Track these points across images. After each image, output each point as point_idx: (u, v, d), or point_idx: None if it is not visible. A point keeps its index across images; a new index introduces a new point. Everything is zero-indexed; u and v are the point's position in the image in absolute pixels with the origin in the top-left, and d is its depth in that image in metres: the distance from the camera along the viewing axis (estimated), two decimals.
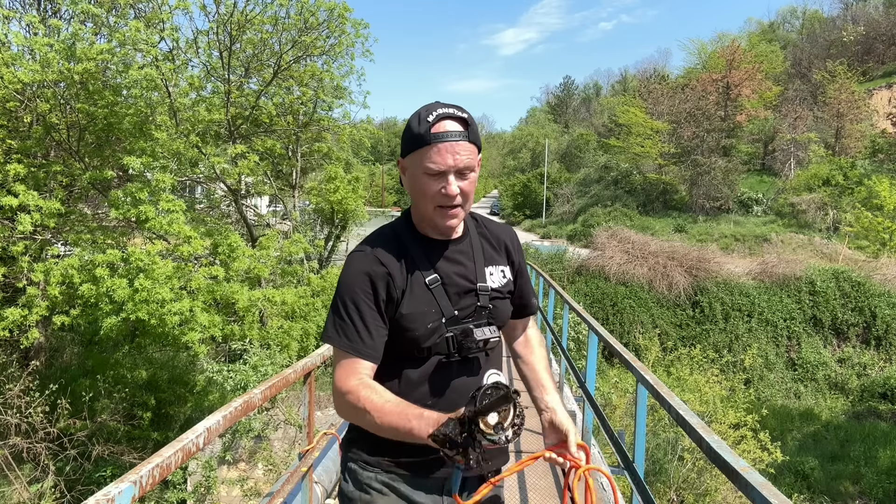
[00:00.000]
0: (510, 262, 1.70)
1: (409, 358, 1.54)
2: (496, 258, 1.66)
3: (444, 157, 1.42)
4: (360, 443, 1.59)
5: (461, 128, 1.44)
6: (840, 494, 13.26)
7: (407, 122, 1.49)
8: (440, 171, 1.44)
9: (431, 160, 1.43)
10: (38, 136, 11.20)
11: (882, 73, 48.89)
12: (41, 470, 9.28)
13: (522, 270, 1.74)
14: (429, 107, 1.47)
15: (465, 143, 1.44)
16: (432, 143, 1.42)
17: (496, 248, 1.68)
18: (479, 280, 1.58)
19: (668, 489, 10.60)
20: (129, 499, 1.43)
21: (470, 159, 1.45)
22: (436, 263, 1.55)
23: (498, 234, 1.71)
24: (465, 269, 1.58)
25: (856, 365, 18.77)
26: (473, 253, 1.61)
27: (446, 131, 1.42)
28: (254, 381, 9.97)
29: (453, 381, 1.54)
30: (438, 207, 1.48)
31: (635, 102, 43.33)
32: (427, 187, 1.46)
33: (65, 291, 10.34)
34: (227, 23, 12.42)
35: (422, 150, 1.44)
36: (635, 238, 22.11)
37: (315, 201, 15.87)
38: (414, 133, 1.45)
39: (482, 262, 1.62)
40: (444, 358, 1.53)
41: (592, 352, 5.65)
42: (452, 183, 1.45)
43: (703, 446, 2.21)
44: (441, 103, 1.47)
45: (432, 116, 1.43)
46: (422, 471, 1.56)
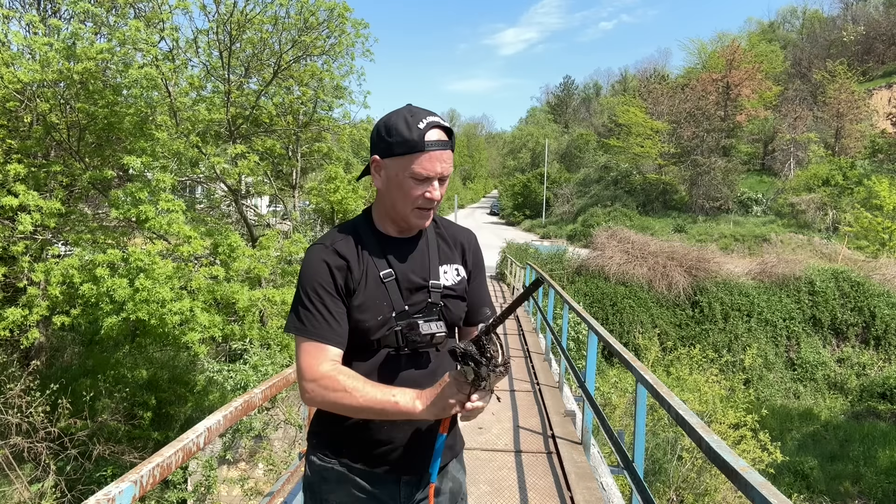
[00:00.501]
0: (464, 262, 1.73)
1: (359, 350, 1.58)
2: (451, 257, 1.70)
3: (434, 164, 1.50)
4: (323, 436, 1.65)
5: (447, 137, 1.52)
6: (839, 494, 13.27)
7: (388, 123, 1.52)
8: (428, 178, 1.51)
9: (422, 166, 1.50)
10: (38, 135, 11.20)
11: (882, 73, 48.92)
12: (42, 469, 9.29)
13: (477, 275, 1.75)
14: (413, 112, 1.53)
15: (449, 152, 1.53)
16: (425, 151, 1.48)
17: (451, 247, 1.72)
18: (433, 277, 1.62)
19: (668, 489, 10.60)
20: (130, 498, 1.44)
21: (450, 167, 1.55)
22: (391, 259, 1.60)
23: (455, 234, 1.75)
24: (419, 265, 1.63)
25: (855, 365, 18.78)
26: (428, 251, 1.66)
27: (437, 140, 1.50)
28: (254, 381, 9.97)
29: (401, 374, 1.57)
30: (417, 209, 1.55)
31: (635, 102, 43.35)
32: (412, 191, 1.53)
33: (65, 291, 10.34)
34: (226, 22, 12.42)
35: (412, 155, 1.49)
36: (635, 238, 22.11)
37: (315, 201, 15.87)
38: (405, 137, 1.49)
39: (436, 260, 1.66)
40: (392, 351, 1.57)
41: (592, 352, 5.66)
42: (436, 188, 1.53)
43: (703, 446, 2.21)
44: (422, 109, 1.54)
45: (423, 123, 1.49)
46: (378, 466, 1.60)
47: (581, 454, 5.17)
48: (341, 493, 1.61)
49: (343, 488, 1.61)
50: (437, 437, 1.57)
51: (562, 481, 4.60)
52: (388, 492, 1.62)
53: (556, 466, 4.92)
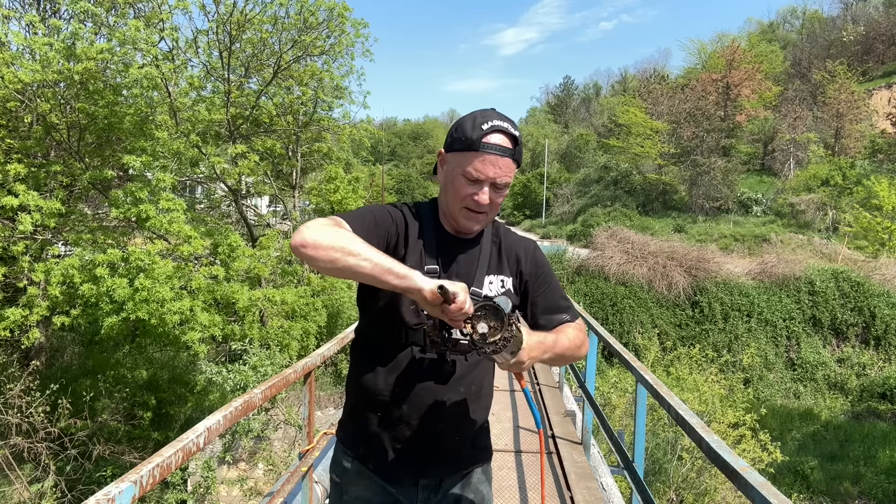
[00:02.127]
0: (517, 274, 1.67)
1: (387, 342, 1.57)
2: (500, 268, 1.66)
3: (487, 168, 1.48)
4: (347, 428, 1.69)
5: (510, 145, 1.49)
6: (840, 494, 13.27)
7: (460, 120, 1.54)
8: (478, 180, 1.49)
9: (474, 167, 1.48)
10: (38, 135, 11.20)
11: (882, 73, 48.91)
12: (42, 469, 9.29)
13: (542, 284, 1.68)
14: (486, 113, 1.51)
15: (508, 160, 1.50)
16: (480, 151, 1.47)
17: (505, 258, 1.67)
18: (476, 284, 1.59)
19: (668, 489, 10.60)
20: (130, 498, 1.43)
21: (509, 176, 1.52)
22: (441, 255, 1.59)
23: (512, 245, 1.70)
24: (466, 269, 1.60)
25: (855, 365, 18.78)
26: (479, 257, 1.63)
27: (496, 144, 1.47)
28: (254, 382, 9.97)
29: (422, 379, 1.57)
30: (465, 209, 1.54)
31: (635, 102, 43.34)
32: (461, 189, 1.52)
33: (65, 291, 10.34)
34: (226, 22, 12.42)
35: (468, 153, 1.49)
36: (635, 238, 22.11)
37: (315, 201, 15.86)
38: (466, 135, 1.49)
39: (484, 269, 1.63)
40: (419, 351, 1.56)
41: (592, 352, 5.67)
42: (486, 192, 1.51)
43: (703, 446, 2.22)
44: (498, 113, 1.52)
45: (487, 125, 1.47)
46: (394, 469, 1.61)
47: (581, 454, 5.17)
48: (360, 486, 1.64)
49: (361, 483, 1.64)
50: (524, 391, 1.59)
51: (562, 481, 4.60)
52: (406, 493, 1.63)
53: (556, 466, 4.92)
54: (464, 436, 1.66)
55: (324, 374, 14.66)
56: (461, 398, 1.62)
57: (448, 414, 1.60)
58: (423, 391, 1.57)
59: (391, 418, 1.58)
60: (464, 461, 1.68)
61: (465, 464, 1.69)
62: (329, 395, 13.53)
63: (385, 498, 1.63)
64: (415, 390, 1.57)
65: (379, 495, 1.63)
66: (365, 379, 1.62)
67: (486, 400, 1.74)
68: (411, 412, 1.58)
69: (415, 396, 1.57)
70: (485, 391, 1.71)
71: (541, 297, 1.68)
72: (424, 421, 1.58)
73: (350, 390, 1.71)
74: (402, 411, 1.58)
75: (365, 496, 1.63)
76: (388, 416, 1.59)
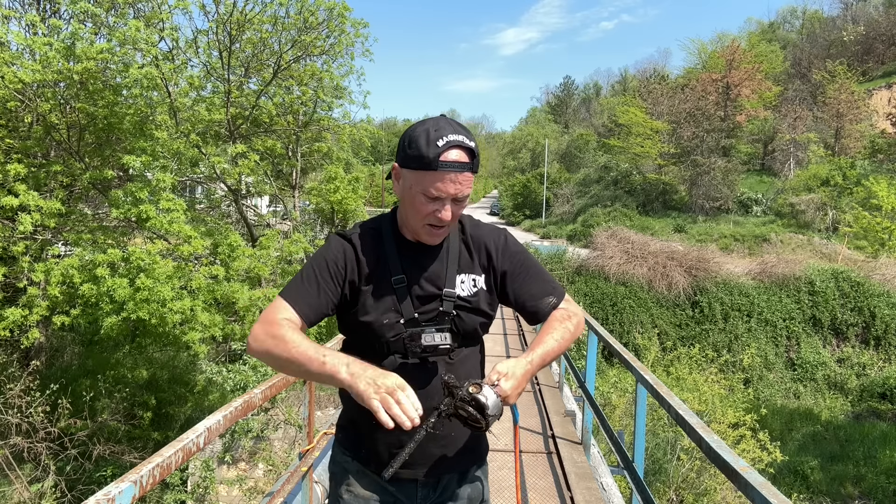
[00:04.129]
0: (489, 270, 1.65)
1: (371, 352, 1.57)
2: (471, 265, 1.63)
3: (447, 186, 1.44)
4: (346, 430, 1.71)
5: (467, 158, 1.44)
6: (840, 495, 13.27)
7: (411, 133, 1.47)
8: (439, 198, 1.45)
9: (434, 186, 1.44)
10: (38, 135, 11.20)
11: (882, 73, 48.93)
12: (42, 469, 9.29)
13: (520, 272, 1.65)
14: (439, 128, 1.44)
15: (467, 174, 1.45)
16: (439, 170, 1.42)
17: (475, 254, 1.65)
18: (448, 286, 1.58)
19: (668, 489, 10.60)
20: (130, 498, 1.43)
21: (469, 189, 1.48)
22: (406, 264, 1.57)
23: (482, 238, 1.66)
24: (435, 273, 1.58)
25: (855, 365, 18.78)
26: (448, 258, 1.61)
27: (455, 161, 1.43)
28: (254, 382, 9.97)
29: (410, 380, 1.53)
30: (428, 225, 1.51)
31: (635, 102, 43.33)
32: (422, 207, 1.48)
33: (65, 291, 10.34)
34: (226, 22, 12.42)
35: (426, 172, 1.44)
36: (635, 238, 22.11)
37: (315, 201, 15.86)
38: (422, 153, 1.43)
39: (455, 269, 1.61)
40: (401, 357, 1.56)
41: (592, 352, 5.66)
42: (448, 209, 1.47)
43: (703, 446, 2.21)
44: (450, 125, 1.46)
45: (442, 141, 1.41)
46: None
47: (581, 454, 5.17)
48: (360, 486, 1.66)
49: (363, 481, 1.66)
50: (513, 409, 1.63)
51: (562, 481, 4.60)
52: (406, 491, 1.66)
53: (556, 466, 4.92)
54: (460, 434, 1.66)
55: None
56: None
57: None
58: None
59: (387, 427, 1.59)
60: (463, 459, 1.71)
61: (465, 462, 1.71)
62: (329, 395, 13.51)
63: (386, 497, 1.65)
64: None
65: (380, 494, 1.65)
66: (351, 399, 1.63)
67: None
68: None
69: None
70: None
71: (523, 287, 1.66)
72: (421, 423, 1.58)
73: (344, 397, 1.71)
74: None
75: (366, 495, 1.65)
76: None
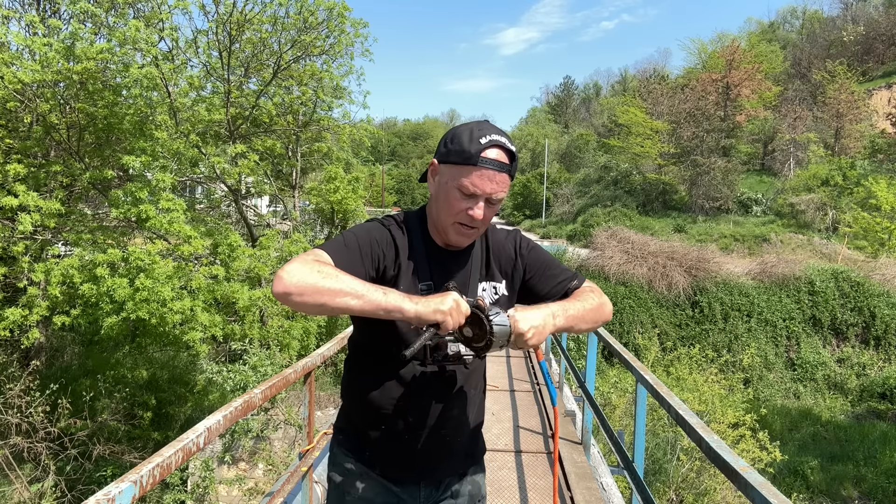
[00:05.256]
0: (510, 277, 1.67)
1: (388, 359, 1.57)
2: (493, 273, 1.65)
3: (484, 183, 1.44)
4: (346, 433, 1.70)
5: (507, 160, 1.46)
6: (839, 495, 13.27)
7: (455, 131, 1.49)
8: (474, 194, 1.46)
9: (471, 181, 1.44)
10: (38, 136, 11.20)
11: (882, 73, 48.94)
12: (42, 469, 9.29)
13: (540, 273, 1.68)
14: (482, 126, 1.47)
15: (505, 176, 1.46)
16: (478, 166, 1.43)
17: (494, 262, 1.66)
18: (471, 295, 1.59)
19: (668, 489, 10.60)
20: (130, 498, 1.43)
21: (504, 191, 1.48)
22: (432, 270, 1.57)
23: (500, 246, 1.68)
24: (461, 281, 1.59)
25: (855, 365, 18.78)
26: (471, 267, 1.62)
27: (494, 160, 1.44)
28: (254, 382, 9.97)
29: (428, 389, 1.59)
30: (457, 224, 1.50)
31: (635, 102, 43.34)
32: (455, 203, 1.48)
33: (65, 291, 10.34)
34: (226, 22, 12.42)
35: (465, 167, 1.44)
36: (635, 238, 22.10)
37: (315, 201, 15.86)
38: (463, 148, 1.44)
39: (477, 278, 1.62)
40: (420, 364, 1.57)
41: (592, 352, 5.66)
42: (481, 207, 1.47)
43: (703, 446, 2.21)
44: (495, 127, 1.48)
45: (486, 139, 1.43)
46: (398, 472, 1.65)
47: (581, 454, 5.17)
48: (363, 487, 1.66)
49: (365, 483, 1.66)
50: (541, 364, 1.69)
51: (562, 481, 4.60)
52: (409, 491, 1.67)
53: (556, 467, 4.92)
54: (466, 439, 1.70)
55: (324, 374, 14.66)
56: (463, 405, 1.66)
57: (452, 422, 1.64)
58: (426, 404, 1.60)
59: (395, 431, 1.61)
60: (466, 462, 1.74)
61: (467, 463, 1.75)
62: (329, 395, 13.52)
63: (389, 498, 1.66)
64: (418, 404, 1.59)
65: (382, 495, 1.66)
66: (366, 395, 1.63)
67: (483, 400, 1.79)
68: (416, 424, 1.60)
69: (418, 409, 1.60)
70: (482, 392, 1.76)
71: (544, 283, 1.68)
72: (429, 431, 1.61)
73: (349, 402, 1.71)
74: (407, 423, 1.60)
75: (368, 496, 1.66)
76: (393, 428, 1.61)
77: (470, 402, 1.68)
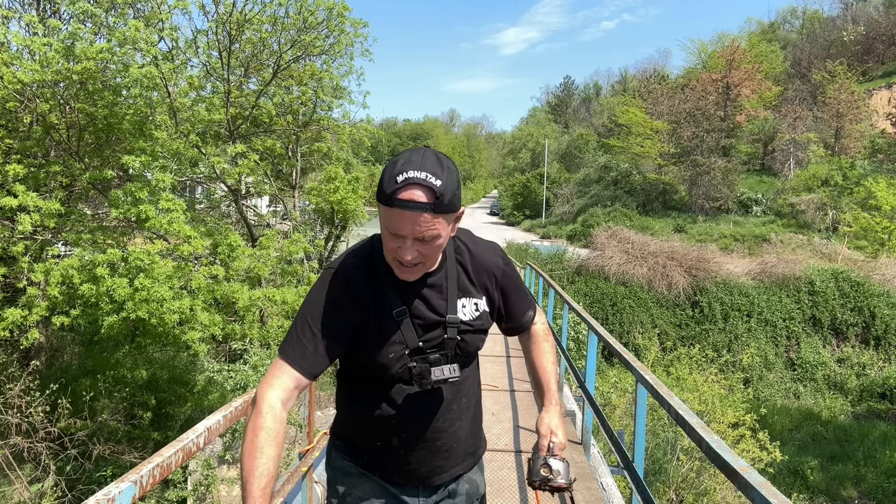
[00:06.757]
0: (488, 292, 1.63)
1: (374, 380, 1.57)
2: (470, 290, 1.60)
3: (405, 224, 1.34)
4: (344, 439, 1.70)
5: (427, 199, 1.31)
6: (839, 495, 13.26)
7: (386, 166, 1.38)
8: (400, 236, 1.37)
9: (391, 223, 1.36)
10: (37, 136, 11.19)
11: (882, 73, 48.94)
12: (42, 469, 9.28)
13: (511, 293, 1.67)
14: (406, 161, 1.34)
15: (427, 215, 1.33)
16: (394, 208, 1.33)
17: (473, 278, 1.60)
18: (450, 312, 1.55)
19: (668, 489, 10.60)
20: (130, 498, 1.44)
21: (434, 230, 1.36)
22: (406, 294, 1.51)
23: (483, 262, 1.62)
24: (436, 301, 1.54)
25: (855, 365, 18.78)
26: (447, 284, 1.55)
27: (411, 200, 1.31)
28: (254, 381, 9.97)
29: (414, 406, 1.58)
30: (396, 260, 1.43)
31: (635, 102, 43.35)
32: (387, 242, 1.41)
33: (65, 291, 10.34)
34: (226, 22, 12.42)
35: (385, 207, 1.35)
36: (635, 238, 22.11)
37: (315, 201, 15.85)
38: (382, 187, 1.35)
39: (455, 294, 1.56)
40: (405, 385, 1.56)
41: (592, 352, 5.66)
42: (409, 248, 1.38)
43: (703, 446, 2.21)
44: (420, 160, 1.34)
45: (402, 177, 1.31)
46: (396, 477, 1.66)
47: (581, 454, 5.17)
48: (364, 487, 1.66)
49: (365, 484, 1.66)
50: None
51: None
52: (408, 493, 1.68)
53: None
54: (465, 442, 1.71)
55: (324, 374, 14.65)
56: (458, 414, 1.66)
57: (448, 432, 1.64)
58: (419, 420, 1.59)
59: (391, 446, 1.62)
60: (465, 463, 1.74)
61: (467, 465, 1.75)
62: (329, 395, 13.51)
63: (390, 500, 1.67)
64: (411, 420, 1.59)
65: (383, 496, 1.67)
66: (358, 415, 1.64)
67: (479, 398, 1.78)
68: (411, 439, 1.61)
69: (412, 426, 1.59)
70: (477, 393, 1.76)
71: (513, 304, 1.70)
72: (425, 443, 1.62)
73: (343, 415, 1.72)
74: (402, 439, 1.61)
75: (369, 497, 1.66)
76: (388, 444, 1.62)
77: (465, 409, 1.67)
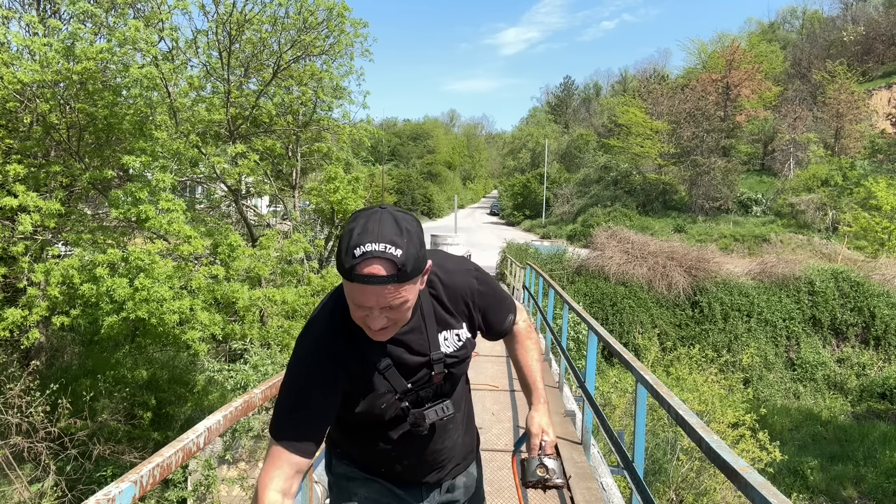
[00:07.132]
0: (468, 316, 1.61)
1: (370, 426, 1.61)
2: (449, 321, 1.57)
3: (368, 298, 1.29)
4: (343, 449, 1.74)
5: (387, 271, 1.25)
6: (839, 495, 13.26)
7: (343, 234, 1.31)
8: (365, 306, 1.32)
9: (353, 296, 1.31)
10: (37, 136, 11.19)
11: (882, 73, 48.93)
12: (42, 469, 9.28)
13: (489, 307, 1.66)
14: (362, 232, 1.26)
15: (391, 287, 1.27)
16: (354, 283, 1.27)
17: (450, 308, 1.57)
18: (433, 349, 1.54)
19: (668, 489, 10.60)
20: (130, 498, 1.44)
21: (401, 297, 1.31)
22: (386, 346, 1.48)
23: (457, 290, 1.57)
24: (417, 343, 1.52)
25: (855, 365, 18.77)
26: (425, 323, 1.52)
27: (371, 275, 1.25)
28: (254, 381, 9.97)
29: (413, 440, 1.62)
30: (366, 325, 1.38)
31: (635, 103, 43.34)
32: (353, 310, 1.36)
33: (65, 291, 10.34)
34: (226, 22, 12.42)
35: (346, 281, 1.30)
36: (635, 238, 22.10)
37: (315, 201, 15.85)
38: (340, 260, 1.28)
39: (434, 330, 1.54)
40: (400, 423, 1.59)
41: (592, 352, 5.66)
42: (377, 317, 1.33)
43: (703, 446, 2.21)
44: (376, 229, 1.27)
45: (358, 252, 1.24)
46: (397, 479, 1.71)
47: (581, 454, 5.17)
48: (368, 489, 1.70)
49: (369, 485, 1.70)
50: None
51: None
52: (412, 493, 1.72)
53: None
54: (462, 447, 1.77)
55: None
56: (453, 430, 1.71)
57: (446, 446, 1.70)
58: (417, 447, 1.64)
59: (393, 471, 1.69)
60: (465, 462, 1.81)
61: (466, 462, 1.82)
62: None
63: (392, 500, 1.71)
64: (410, 449, 1.64)
65: (386, 497, 1.70)
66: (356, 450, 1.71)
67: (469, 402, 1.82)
68: (412, 462, 1.67)
69: (411, 453, 1.65)
70: (467, 400, 1.80)
71: (493, 317, 1.70)
72: (423, 460, 1.68)
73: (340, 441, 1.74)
74: (402, 465, 1.67)
75: (372, 497, 1.70)
76: (390, 470, 1.69)
77: (459, 422, 1.73)
